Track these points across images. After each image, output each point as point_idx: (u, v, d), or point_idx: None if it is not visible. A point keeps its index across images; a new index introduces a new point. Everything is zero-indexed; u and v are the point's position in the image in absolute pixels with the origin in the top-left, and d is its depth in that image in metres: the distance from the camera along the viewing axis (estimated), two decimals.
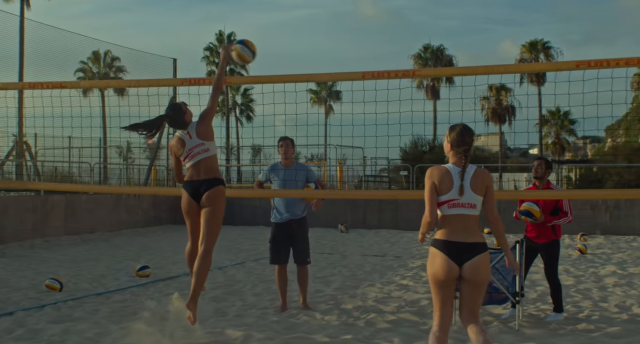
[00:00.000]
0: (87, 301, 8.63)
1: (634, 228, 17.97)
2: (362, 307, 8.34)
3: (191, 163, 6.40)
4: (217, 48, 60.49)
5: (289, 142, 8.26)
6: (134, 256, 13.50)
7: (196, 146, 6.35)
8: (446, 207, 4.71)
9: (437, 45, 65.13)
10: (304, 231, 8.39)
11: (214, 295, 9.24)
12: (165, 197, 21.07)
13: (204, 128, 6.33)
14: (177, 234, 18.73)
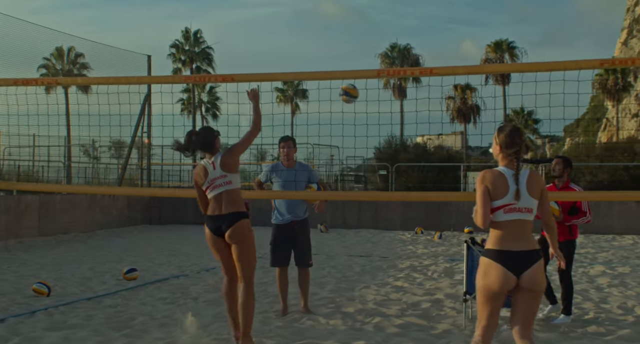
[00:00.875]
0: (78, 307, 8.31)
1: (612, 227, 18.09)
2: (364, 310, 8.18)
3: (212, 195, 6.14)
4: (183, 45, 59.98)
5: (291, 143, 8.05)
6: (116, 257, 13.15)
7: (218, 178, 6.08)
8: (501, 213, 4.48)
9: (404, 45, 65.54)
10: (306, 233, 8.20)
11: (210, 298, 9.01)
12: (140, 197, 20.66)
13: (229, 160, 6.07)
14: (154, 234, 18.37)
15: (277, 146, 8.13)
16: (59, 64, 48.89)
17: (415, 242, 16.79)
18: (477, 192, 4.53)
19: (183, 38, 59.40)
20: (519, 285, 4.45)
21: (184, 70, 57.41)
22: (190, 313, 7.24)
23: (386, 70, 5.86)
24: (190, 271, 11.45)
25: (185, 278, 10.72)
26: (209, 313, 8.02)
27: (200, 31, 59.94)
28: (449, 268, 12.15)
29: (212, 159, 6.14)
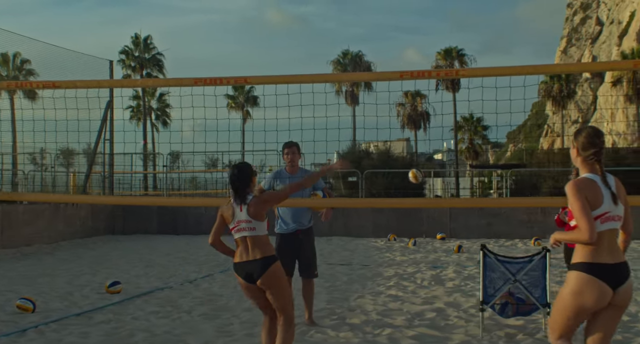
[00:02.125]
0: (69, 323, 7.87)
1: None
2: (370, 321, 7.93)
3: (237, 236, 5.75)
4: (133, 51, 58.95)
5: (295, 149, 7.77)
6: (90, 270, 12.63)
7: (244, 221, 5.67)
8: (598, 223, 4.14)
9: (356, 52, 65.71)
10: (311, 242, 7.92)
11: (202, 312, 8.63)
12: (103, 206, 20.05)
13: (258, 209, 5.66)
14: (120, 245, 17.82)
15: (281, 153, 7.84)
16: (4, 71, 47.53)
17: (391, 249, 16.62)
18: (577, 204, 4.13)
19: (133, 44, 58.38)
20: (610, 301, 4.17)
21: (133, 76, 56.41)
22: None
23: (409, 72, 5.61)
24: (174, 283, 11.04)
25: (170, 290, 10.32)
26: (208, 328, 7.67)
27: (150, 37, 58.99)
28: (435, 275, 11.99)
29: (239, 202, 5.77)
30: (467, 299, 9.44)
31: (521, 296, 7.07)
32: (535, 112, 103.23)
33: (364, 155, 27.84)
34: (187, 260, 14.29)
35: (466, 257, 14.90)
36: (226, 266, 13.24)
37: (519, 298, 7.07)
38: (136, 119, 61.65)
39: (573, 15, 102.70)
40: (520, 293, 7.06)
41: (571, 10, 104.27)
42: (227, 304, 9.20)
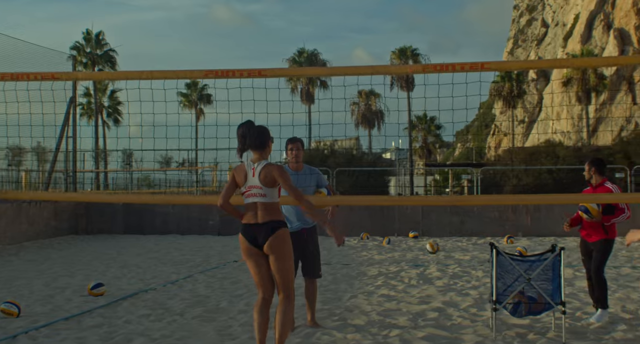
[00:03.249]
0: (60, 328, 7.49)
1: (553, 230, 18.36)
2: (374, 322, 7.74)
3: (248, 201, 5.61)
4: (84, 47, 57.66)
5: (300, 145, 7.53)
6: (65, 272, 12.17)
7: (254, 187, 5.57)
8: None
9: (312, 50, 65.62)
10: (315, 241, 7.68)
11: (196, 314, 8.33)
12: (66, 205, 19.44)
13: (270, 177, 5.51)
14: (87, 245, 17.28)
15: (285, 149, 7.58)
16: None
17: (366, 248, 16.47)
18: None
19: (84, 40, 57.18)
20: None
21: None
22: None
23: (433, 65, 5.45)
24: (156, 284, 10.68)
25: (155, 292, 9.97)
26: (208, 330, 7.39)
27: (102, 33, 57.89)
28: (421, 274, 11.86)
29: (255, 164, 5.60)
30: (463, 298, 9.32)
31: (533, 295, 6.96)
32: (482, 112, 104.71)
33: (329, 153, 27.72)
34: (161, 260, 13.90)
35: (445, 255, 14.84)
36: (204, 267, 12.94)
37: (530, 297, 6.96)
38: (87, 116, 60.51)
39: (519, 17, 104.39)
40: (531, 292, 6.95)
41: (517, 12, 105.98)
42: (219, 306, 8.91)
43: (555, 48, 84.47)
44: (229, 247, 16.59)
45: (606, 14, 71.91)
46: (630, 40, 66.60)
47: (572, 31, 77.12)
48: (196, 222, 19.78)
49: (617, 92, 61.23)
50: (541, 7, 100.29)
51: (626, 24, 67.44)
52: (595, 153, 25.70)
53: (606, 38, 70.23)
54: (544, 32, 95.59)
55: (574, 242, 17.33)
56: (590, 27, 74.09)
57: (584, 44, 72.81)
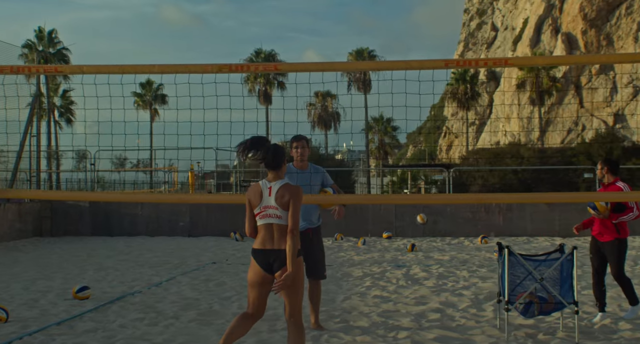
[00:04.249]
0: (53, 333, 7.19)
1: (525, 229, 18.48)
2: (379, 324, 7.61)
3: (262, 223, 5.36)
4: (36, 45, 56.34)
5: (305, 142, 7.35)
6: (40, 275, 11.74)
7: (271, 207, 5.32)
8: None
9: (269, 50, 65.34)
10: (320, 242, 7.54)
11: (191, 318, 8.10)
12: (30, 207, 18.85)
13: (286, 200, 5.30)
14: (56, 247, 16.74)
15: (290, 147, 7.40)
16: None
17: (342, 249, 16.32)
18: None
19: (36, 38, 55.93)
20: None
21: None
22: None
23: (455, 61, 5.35)
24: (140, 287, 10.36)
25: (142, 295, 9.66)
26: (210, 334, 7.17)
27: (55, 31, 56.72)
28: (406, 274, 11.77)
29: (272, 184, 5.36)
30: (459, 298, 9.25)
31: (543, 294, 6.90)
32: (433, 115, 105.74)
33: None
34: (137, 263, 13.53)
35: (423, 255, 14.78)
36: (184, 269, 12.64)
37: (541, 297, 6.90)
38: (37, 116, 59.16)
39: (469, 21, 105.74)
40: (542, 292, 6.89)
41: (468, 16, 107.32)
42: (212, 308, 8.69)
43: (505, 51, 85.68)
44: (201, 248, 16.28)
45: (554, 19, 73.20)
46: (577, 44, 67.92)
47: (522, 35, 78.38)
48: (166, 224, 19.39)
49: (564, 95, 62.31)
50: (491, 11, 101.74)
51: (573, 29, 68.78)
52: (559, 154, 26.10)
53: (554, 42, 71.50)
54: (493, 35, 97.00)
55: (545, 242, 17.49)
56: (539, 31, 75.37)
57: (533, 48, 74.01)
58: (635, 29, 63.80)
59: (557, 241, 17.72)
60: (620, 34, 65.32)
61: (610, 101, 64.99)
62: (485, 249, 15.95)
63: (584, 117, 66.69)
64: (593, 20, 66.30)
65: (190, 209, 19.40)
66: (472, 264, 13.18)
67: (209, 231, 19.20)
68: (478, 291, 9.80)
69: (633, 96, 62.44)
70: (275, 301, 8.74)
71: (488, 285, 10.40)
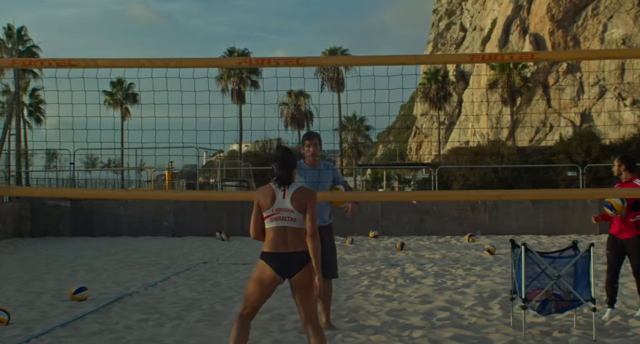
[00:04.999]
0: (60, 336, 7.00)
1: (510, 227, 18.57)
2: (390, 323, 7.53)
3: (274, 225, 5.15)
4: (5, 43, 55.35)
5: (317, 140, 7.25)
6: (30, 276, 11.48)
7: (285, 210, 5.16)
8: None
9: (242, 49, 64.98)
10: (332, 240, 7.43)
11: (197, 318, 7.95)
12: (10, 208, 18.51)
13: (303, 203, 5.18)
14: (38, 247, 16.46)
15: (302, 144, 7.29)
16: None
17: None
18: None
19: (5, 35, 54.95)
20: None
21: (6, 70, 53.00)
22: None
23: (480, 55, 5.28)
24: (136, 288, 10.18)
25: (139, 296, 9.49)
26: (220, 335, 7.03)
27: (25, 28, 55.80)
28: (403, 273, 11.72)
29: (284, 187, 5.24)
30: (463, 297, 9.21)
31: (558, 292, 6.86)
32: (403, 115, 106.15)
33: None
34: (127, 263, 13.32)
35: (414, 254, 14.75)
36: (175, 269, 12.46)
37: (557, 295, 6.86)
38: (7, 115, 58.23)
39: (438, 21, 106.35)
40: (557, 290, 6.85)
41: (437, 16, 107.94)
42: (215, 309, 8.55)
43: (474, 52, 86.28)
44: (188, 248, 16.10)
45: (522, 20, 73.82)
46: (545, 45, 68.59)
47: (490, 35, 78.97)
48: (149, 224, 19.16)
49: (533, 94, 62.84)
50: (459, 11, 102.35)
51: (541, 30, 69.46)
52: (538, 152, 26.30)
53: (522, 43, 72.11)
54: (462, 36, 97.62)
55: (531, 240, 17.58)
56: (507, 31, 75.93)
57: (502, 48, 74.63)
58: (601, 30, 64.62)
59: (542, 239, 17.85)
60: (587, 35, 66.07)
61: (577, 100, 65.70)
62: (474, 247, 15.97)
63: (551, 116, 67.37)
64: (560, 21, 67.02)
65: (174, 209, 19.19)
66: (465, 262, 13.18)
67: (193, 231, 19.02)
68: (480, 289, 9.76)
69: (599, 95, 63.22)
70: (278, 301, 8.65)
71: (487, 283, 10.38)
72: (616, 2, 64.12)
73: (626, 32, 61.75)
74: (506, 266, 12.52)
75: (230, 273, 11.89)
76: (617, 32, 62.67)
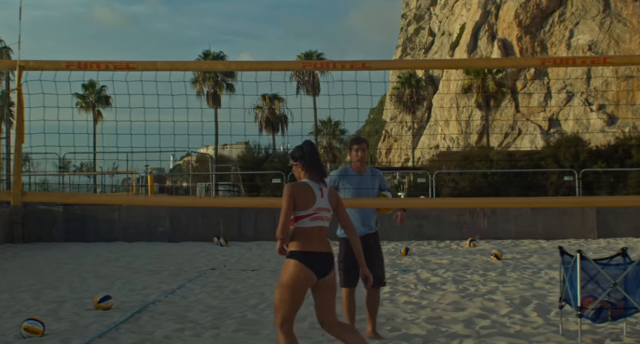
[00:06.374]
0: None
1: (509, 232, 18.59)
2: (435, 332, 7.40)
3: (312, 225, 5.00)
4: None
5: (365, 145, 7.11)
6: (42, 284, 11.17)
7: (325, 210, 5.06)
8: None
9: (218, 52, 64.60)
10: (380, 247, 7.30)
11: (234, 328, 7.74)
12: (2, 212, 18.06)
13: (334, 202, 5.18)
14: (34, 253, 16.12)
15: (349, 149, 7.15)
16: None
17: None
18: None
19: None
20: None
21: None
22: None
23: (512, 59, 5.18)
24: (155, 295, 9.94)
25: (163, 304, 9.26)
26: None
27: None
28: (419, 278, 11.63)
29: (320, 185, 5.11)
30: (495, 304, 9.11)
31: (611, 300, 6.79)
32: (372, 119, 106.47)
33: (265, 158, 27.18)
34: (134, 270, 13.05)
35: (420, 259, 14.66)
36: (187, 276, 12.22)
37: (610, 302, 6.79)
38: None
39: (407, 26, 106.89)
40: (611, 298, 6.78)
41: (405, 21, 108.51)
42: (247, 317, 8.35)
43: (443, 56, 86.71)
44: (189, 254, 15.86)
45: (490, 25, 74.46)
46: (513, 50, 69.27)
47: (459, 40, 79.54)
48: (144, 229, 18.84)
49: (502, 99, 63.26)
50: (428, 16, 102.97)
51: (509, 35, 70.19)
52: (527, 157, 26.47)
53: (490, 48, 72.74)
54: (431, 40, 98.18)
55: (531, 245, 17.60)
56: (475, 37, 76.54)
57: (470, 53, 75.19)
58: (567, 36, 65.46)
59: (542, 243, 17.90)
60: (554, 41, 66.81)
61: (545, 105, 66.42)
62: (478, 252, 15.92)
63: (520, 121, 68.01)
64: (528, 27, 67.79)
65: (169, 214, 18.89)
66: (477, 267, 13.12)
67: (189, 237, 18.75)
68: (508, 296, 9.67)
69: (566, 101, 63.99)
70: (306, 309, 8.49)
71: (511, 289, 10.29)
72: (582, 8, 64.96)
73: (592, 38, 62.59)
74: (519, 271, 12.50)
75: (243, 280, 11.69)
76: (583, 38, 63.48)
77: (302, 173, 5.16)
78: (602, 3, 64.01)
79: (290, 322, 5.07)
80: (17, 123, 5.82)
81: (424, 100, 71.83)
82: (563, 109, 64.62)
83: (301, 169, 5.16)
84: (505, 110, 68.10)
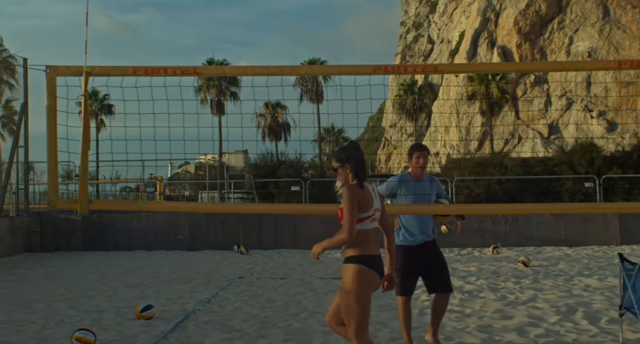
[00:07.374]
0: None
1: (531, 238, 18.47)
2: (490, 341, 7.29)
3: (371, 227, 4.93)
4: None
5: (427, 152, 7.00)
6: (73, 293, 11.05)
7: (379, 210, 5.01)
8: None
9: (221, 60, 64.62)
10: (441, 253, 7.18)
11: (284, 338, 7.61)
12: (20, 221, 17.90)
13: (383, 203, 5.19)
14: (55, 262, 15.96)
15: (409, 156, 7.04)
16: None
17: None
18: None
19: None
20: None
21: None
22: None
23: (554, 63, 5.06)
24: (192, 305, 9.82)
25: (202, 314, 9.14)
26: None
27: (1, 38, 54.71)
28: (456, 287, 11.47)
29: (372, 186, 5.06)
30: (542, 312, 8.98)
31: None
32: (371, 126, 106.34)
33: (277, 165, 27.06)
34: (162, 279, 12.91)
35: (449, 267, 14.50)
36: (217, 285, 12.09)
37: None
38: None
39: (406, 33, 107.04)
40: None
41: (404, 29, 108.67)
42: (293, 327, 8.22)
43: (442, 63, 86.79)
44: (213, 262, 15.73)
45: (490, 32, 74.55)
46: (513, 57, 69.38)
47: (458, 48, 79.65)
48: (163, 237, 18.70)
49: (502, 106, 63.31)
50: (427, 24, 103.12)
51: (508, 42, 70.26)
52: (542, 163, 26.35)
53: (490, 55, 72.83)
54: (430, 48, 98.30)
55: (555, 251, 17.48)
56: (475, 44, 76.62)
57: (470, 60, 75.24)
58: (567, 43, 65.50)
59: (565, 250, 17.78)
60: (553, 48, 66.88)
61: (545, 112, 66.41)
62: (503, 259, 15.79)
63: (520, 128, 68.01)
64: (527, 34, 67.87)
65: (189, 222, 18.76)
66: (507, 275, 13.00)
67: (209, 245, 18.62)
68: (552, 304, 9.55)
69: (566, 107, 63.97)
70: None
71: (552, 297, 10.17)
72: (581, 15, 65.04)
73: (592, 45, 62.62)
74: (552, 278, 12.38)
75: (274, 288, 11.56)
76: (582, 45, 63.52)
77: (350, 175, 5.03)
78: (602, 10, 64.06)
79: (365, 329, 4.96)
80: (84, 129, 5.71)
81: (426, 107, 71.94)
82: (563, 115, 64.61)
83: (349, 171, 5.03)
84: (506, 117, 68.09)
